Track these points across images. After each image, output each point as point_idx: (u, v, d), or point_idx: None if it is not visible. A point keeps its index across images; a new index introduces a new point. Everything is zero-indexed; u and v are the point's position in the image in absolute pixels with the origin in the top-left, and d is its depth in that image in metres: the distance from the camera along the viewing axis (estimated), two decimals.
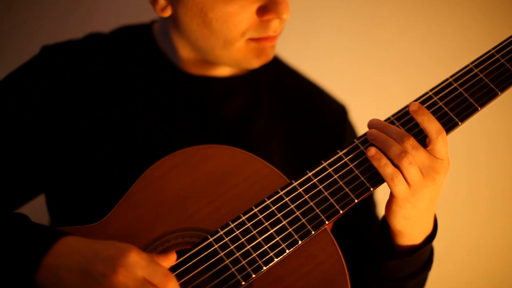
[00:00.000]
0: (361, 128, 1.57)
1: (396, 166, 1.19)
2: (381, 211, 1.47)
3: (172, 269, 1.18)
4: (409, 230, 1.26)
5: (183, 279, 1.18)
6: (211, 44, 1.33)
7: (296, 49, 1.89)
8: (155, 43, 1.45)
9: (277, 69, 1.53)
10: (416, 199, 1.20)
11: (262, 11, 1.29)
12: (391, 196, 1.22)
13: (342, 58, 1.99)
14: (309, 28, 1.97)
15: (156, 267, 1.09)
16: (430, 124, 1.19)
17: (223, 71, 1.45)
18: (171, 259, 1.13)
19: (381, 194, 1.41)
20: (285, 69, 1.57)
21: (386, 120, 1.26)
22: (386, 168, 1.19)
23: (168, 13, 1.35)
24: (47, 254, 1.10)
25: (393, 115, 1.26)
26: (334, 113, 1.55)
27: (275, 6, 1.28)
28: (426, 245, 1.28)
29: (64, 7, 1.92)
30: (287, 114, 1.49)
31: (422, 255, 1.29)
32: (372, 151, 1.20)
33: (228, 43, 1.32)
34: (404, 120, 1.25)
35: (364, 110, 1.67)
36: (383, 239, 1.30)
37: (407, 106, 1.26)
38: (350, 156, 1.25)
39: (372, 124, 1.24)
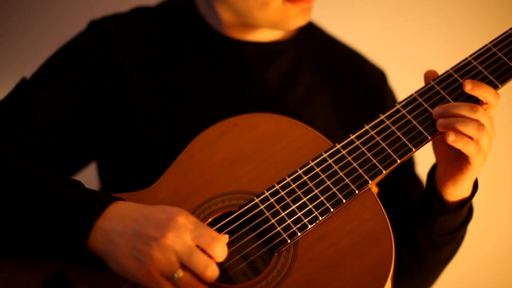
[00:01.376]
0: (399, 92, 1.59)
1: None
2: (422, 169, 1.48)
3: (219, 229, 1.21)
4: (467, 188, 1.29)
5: (230, 239, 1.20)
6: (249, 6, 1.37)
7: (331, 15, 1.91)
8: (197, 12, 1.50)
9: (316, 34, 1.56)
10: (484, 162, 1.24)
11: None
12: (466, 166, 1.24)
13: (376, 23, 2.00)
14: None
15: (204, 230, 1.12)
16: (488, 94, 1.22)
17: (264, 36, 1.48)
18: (223, 236, 1.15)
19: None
20: (323, 35, 1.59)
21: (428, 88, 1.27)
22: (469, 146, 1.20)
23: None
24: (99, 218, 1.14)
25: (434, 81, 1.28)
26: (374, 77, 1.56)
27: None
28: (474, 195, 1.30)
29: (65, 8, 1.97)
30: (328, 78, 1.52)
31: (470, 204, 1.32)
32: (452, 136, 1.20)
33: (264, 5, 1.36)
34: (445, 84, 1.27)
35: (402, 75, 1.68)
36: (433, 197, 1.31)
37: (447, 72, 1.28)
38: (392, 119, 1.27)
39: (437, 113, 1.24)
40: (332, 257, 1.18)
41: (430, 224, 1.33)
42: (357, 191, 1.22)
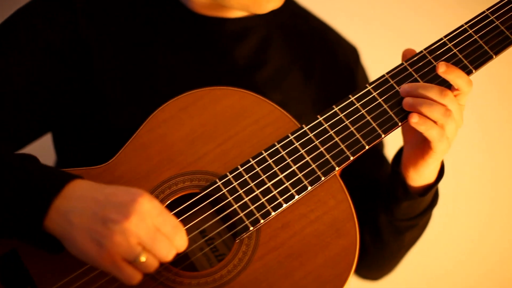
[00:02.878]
0: (371, 70, 1.55)
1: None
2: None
3: (180, 212, 1.17)
4: (431, 174, 1.27)
5: (191, 223, 1.17)
6: None
7: None
8: None
9: (289, 10, 1.50)
10: (449, 147, 1.22)
11: None
12: (428, 151, 1.22)
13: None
14: None
15: (167, 217, 1.08)
16: (461, 79, 1.19)
17: (235, 13, 1.42)
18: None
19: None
20: (297, 10, 1.53)
21: (401, 70, 1.24)
22: (432, 130, 1.18)
23: None
24: (57, 197, 1.09)
25: (407, 62, 1.23)
26: (346, 54, 1.52)
27: None
28: (439, 181, 1.30)
29: None
30: (300, 55, 1.47)
31: (433, 192, 1.31)
32: (415, 118, 1.18)
33: None
34: (418, 66, 1.23)
35: (375, 51, 1.64)
36: (397, 181, 1.30)
37: (421, 52, 1.24)
38: (362, 101, 1.23)
39: (404, 91, 1.22)
40: (295, 247, 1.16)
41: (393, 208, 1.32)
42: (323, 178, 1.19)
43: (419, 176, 1.27)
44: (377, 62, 1.24)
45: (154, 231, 1.06)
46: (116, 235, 1.05)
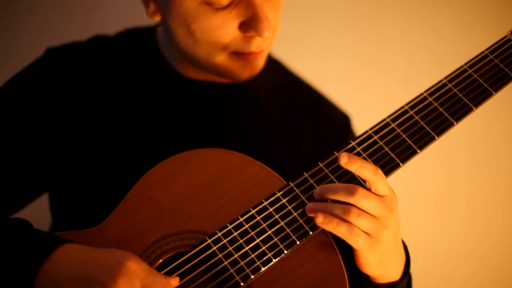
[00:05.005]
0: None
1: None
2: None
3: (171, 271, 1.19)
4: (385, 273, 1.24)
5: (182, 281, 1.18)
6: (196, 54, 1.34)
7: (295, 51, 1.89)
8: (157, 47, 1.46)
9: (279, 75, 1.53)
10: (381, 243, 1.19)
11: (245, 27, 1.29)
12: (356, 251, 1.21)
13: (344, 59, 1.99)
14: (309, 28, 1.98)
15: (155, 278, 1.10)
16: (364, 169, 1.19)
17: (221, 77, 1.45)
18: (173, 280, 1.13)
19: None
20: (287, 75, 1.56)
21: (351, 151, 1.25)
22: (339, 228, 1.18)
23: (158, 17, 1.36)
24: (46, 262, 1.10)
25: (354, 139, 1.26)
26: (337, 121, 1.54)
27: (256, 24, 1.27)
28: (404, 278, 1.27)
29: (66, 9, 1.93)
30: (289, 121, 1.49)
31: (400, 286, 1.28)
32: (320, 218, 1.18)
33: (211, 55, 1.33)
34: (367, 145, 1.26)
35: (366, 112, 1.67)
36: (359, 278, 1.28)
37: (366, 132, 1.26)
38: (330, 168, 1.25)
39: (315, 195, 1.22)
40: None
41: None
42: (311, 232, 1.21)
43: (374, 274, 1.24)
44: (368, 122, 1.26)
45: None
46: None
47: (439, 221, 1.73)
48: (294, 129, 1.49)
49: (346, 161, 1.18)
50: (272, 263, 1.19)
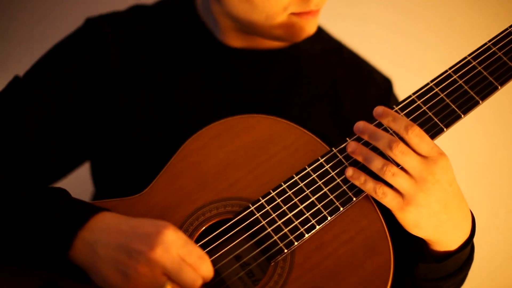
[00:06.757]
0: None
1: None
2: None
3: (214, 238, 1.19)
4: (440, 240, 1.22)
5: (225, 248, 1.18)
6: (253, 19, 1.32)
7: (338, 19, 1.87)
8: (197, 15, 1.45)
9: (320, 41, 1.51)
10: (417, 206, 1.16)
11: None
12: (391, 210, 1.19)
13: (387, 24, 1.97)
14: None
15: (192, 248, 1.10)
16: (396, 123, 1.17)
17: (264, 44, 1.44)
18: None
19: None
20: (328, 41, 1.54)
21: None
22: (366, 184, 1.18)
23: None
24: (83, 229, 1.11)
25: (397, 105, 1.24)
26: (379, 86, 1.52)
27: None
28: (461, 251, 1.24)
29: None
30: (330, 87, 1.48)
31: (456, 260, 1.24)
32: (349, 172, 1.19)
33: (270, 18, 1.31)
34: (410, 110, 1.23)
35: (408, 80, 1.65)
36: (416, 241, 1.27)
37: (409, 97, 1.24)
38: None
39: (357, 129, 1.21)
40: (330, 268, 1.16)
41: (413, 266, 1.27)
42: (354, 198, 1.20)
43: (426, 237, 1.22)
44: (410, 89, 1.24)
45: (179, 261, 1.08)
46: (141, 266, 1.06)
47: None
48: (336, 94, 1.47)
49: (379, 112, 1.18)
50: (316, 229, 1.18)
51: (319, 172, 1.22)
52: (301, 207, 1.20)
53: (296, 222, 1.19)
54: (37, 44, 1.61)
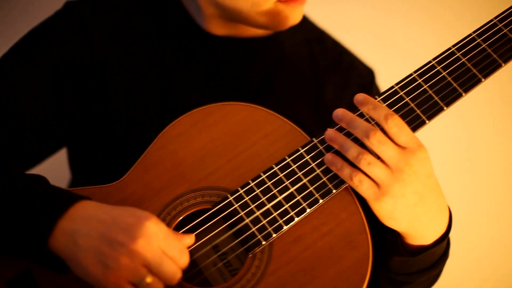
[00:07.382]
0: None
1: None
2: None
3: (192, 228, 1.18)
4: (409, 231, 1.20)
5: (203, 239, 1.17)
6: (239, 6, 1.29)
7: (322, 8, 1.86)
8: (180, 3, 1.42)
9: (303, 30, 1.49)
10: (392, 197, 1.15)
11: None
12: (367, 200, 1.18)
13: (369, 13, 1.95)
14: None
15: (173, 241, 1.09)
16: (376, 112, 1.17)
17: (247, 32, 1.41)
18: (188, 239, 1.13)
19: None
20: (311, 29, 1.53)
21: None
22: (343, 170, 1.17)
23: None
24: (62, 218, 1.09)
25: (379, 95, 1.22)
26: (361, 76, 1.51)
27: None
28: (435, 246, 1.22)
29: None
30: (313, 76, 1.46)
31: (431, 254, 1.23)
32: (328, 157, 1.18)
33: (256, 5, 1.28)
34: (392, 101, 1.21)
35: (391, 71, 1.64)
36: (390, 235, 1.25)
37: (392, 88, 1.22)
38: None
39: (336, 117, 1.20)
40: (308, 260, 1.15)
41: (386, 259, 1.26)
42: (334, 190, 1.18)
43: (400, 230, 1.21)
44: (393, 79, 1.23)
45: (160, 254, 1.07)
46: (122, 257, 1.05)
47: None
48: (318, 84, 1.46)
49: (360, 99, 1.17)
50: (295, 221, 1.17)
51: (299, 162, 1.21)
52: (280, 198, 1.18)
53: (275, 214, 1.17)
54: (11, 27, 1.59)
